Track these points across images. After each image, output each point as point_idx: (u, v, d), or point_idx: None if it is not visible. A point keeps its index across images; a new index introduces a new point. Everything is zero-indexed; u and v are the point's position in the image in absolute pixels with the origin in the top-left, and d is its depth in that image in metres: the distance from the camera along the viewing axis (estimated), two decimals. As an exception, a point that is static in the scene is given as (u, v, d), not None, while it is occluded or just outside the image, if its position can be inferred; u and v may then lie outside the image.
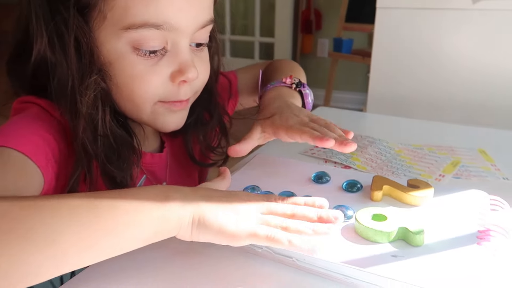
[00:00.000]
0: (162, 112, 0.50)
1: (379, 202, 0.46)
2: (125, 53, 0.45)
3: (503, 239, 0.39)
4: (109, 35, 0.44)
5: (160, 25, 0.44)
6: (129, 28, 0.43)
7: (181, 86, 0.48)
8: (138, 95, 0.47)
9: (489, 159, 0.66)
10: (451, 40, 1.14)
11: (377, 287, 0.35)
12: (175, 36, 0.46)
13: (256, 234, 0.35)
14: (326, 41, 3.08)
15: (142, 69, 0.46)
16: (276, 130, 0.50)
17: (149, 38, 0.44)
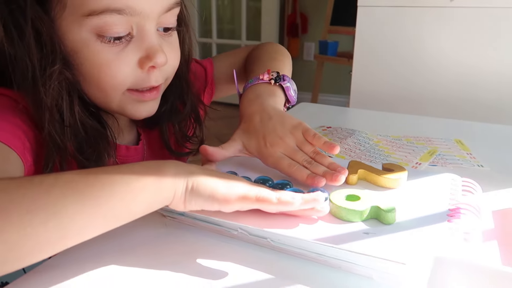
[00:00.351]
0: (132, 101, 0.49)
1: (355, 185, 0.47)
2: (89, 41, 0.44)
3: (473, 217, 0.40)
4: (71, 24, 0.43)
5: (122, 10, 0.43)
6: (90, 14, 0.42)
7: (150, 72, 0.47)
8: (106, 83, 0.46)
9: (465, 148, 0.67)
10: (430, 37, 1.16)
11: (349, 263, 0.35)
12: (140, 21, 0.45)
13: (246, 196, 0.36)
14: (312, 44, 3.11)
15: (108, 57, 0.45)
16: (263, 159, 0.49)
17: (113, 24, 0.43)
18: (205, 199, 0.36)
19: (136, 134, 0.60)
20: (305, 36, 3.12)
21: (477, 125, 0.81)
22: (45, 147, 0.45)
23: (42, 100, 0.43)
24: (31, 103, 0.44)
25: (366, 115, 0.90)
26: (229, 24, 3.36)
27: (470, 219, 0.39)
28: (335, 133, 0.72)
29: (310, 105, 0.98)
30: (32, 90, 0.43)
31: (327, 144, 0.47)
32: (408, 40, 1.18)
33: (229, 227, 0.40)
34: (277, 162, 0.47)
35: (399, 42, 1.19)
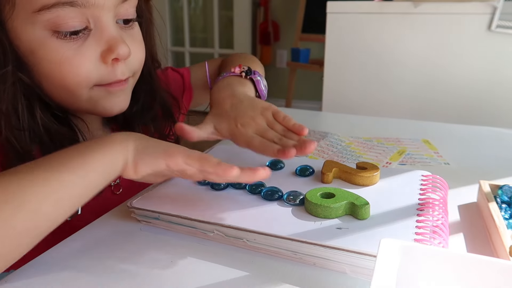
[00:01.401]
0: (102, 96, 0.47)
1: (330, 184, 0.48)
2: (44, 38, 0.42)
3: (441, 211, 0.41)
4: (23, 23, 0.42)
5: (74, 1, 0.41)
6: (41, 9, 0.41)
7: (115, 66, 0.46)
8: (70, 81, 0.44)
9: (433, 147, 0.70)
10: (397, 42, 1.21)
11: (323, 259, 0.36)
12: (95, 13, 0.43)
13: (190, 153, 0.38)
14: (284, 52, 3.15)
15: (67, 53, 0.43)
16: (235, 140, 0.49)
17: (67, 18, 0.41)
18: (152, 157, 0.38)
19: None
20: (277, 44, 3.16)
21: (443, 125, 0.85)
22: (4, 154, 0.43)
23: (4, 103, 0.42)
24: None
25: (338, 118, 0.92)
26: (201, 33, 3.37)
27: (438, 213, 0.41)
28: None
29: (283, 110, 0.99)
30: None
31: (296, 126, 0.48)
32: (376, 45, 1.22)
33: (205, 229, 0.40)
34: (249, 141, 0.47)
35: (367, 47, 1.23)
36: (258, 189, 0.45)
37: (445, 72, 1.19)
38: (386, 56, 1.22)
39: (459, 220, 0.45)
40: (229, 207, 0.42)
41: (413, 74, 1.21)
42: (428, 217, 0.39)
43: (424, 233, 0.37)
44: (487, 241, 0.41)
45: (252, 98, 0.53)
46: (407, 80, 1.22)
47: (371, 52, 1.23)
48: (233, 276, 0.36)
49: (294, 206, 0.42)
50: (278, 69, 3.22)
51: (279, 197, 0.44)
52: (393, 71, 1.23)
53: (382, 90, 1.25)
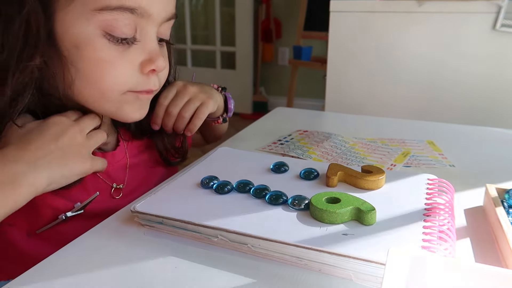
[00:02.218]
0: (129, 101, 0.49)
1: (335, 187, 0.47)
2: (94, 37, 0.43)
3: (447, 216, 0.41)
4: (77, 17, 0.42)
5: (134, 9, 0.43)
6: (104, 9, 0.42)
7: (150, 76, 0.48)
8: (107, 82, 0.45)
9: (437, 149, 0.69)
10: (401, 41, 1.20)
11: (329, 266, 0.36)
12: (145, 24, 0.45)
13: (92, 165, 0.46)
14: (286, 49, 3.14)
15: (113, 55, 0.45)
16: None
17: (122, 23, 0.43)
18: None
19: (116, 142, 0.58)
20: (279, 41, 3.15)
21: (447, 126, 0.84)
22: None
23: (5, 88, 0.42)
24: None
25: (341, 119, 0.92)
26: (203, 30, 3.36)
27: (445, 218, 0.40)
28: (311, 137, 0.73)
29: (286, 110, 0.99)
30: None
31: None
32: (380, 44, 1.21)
33: (209, 234, 0.40)
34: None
35: (371, 47, 1.22)
36: (263, 193, 0.45)
37: (450, 71, 1.18)
38: (390, 55, 1.21)
39: (465, 225, 0.45)
40: (233, 211, 0.42)
41: (417, 73, 1.20)
42: (435, 223, 0.39)
43: (431, 240, 0.36)
44: (494, 247, 0.41)
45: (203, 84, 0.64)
46: (411, 80, 1.21)
47: (374, 51, 1.22)
48: (237, 282, 0.35)
49: (299, 211, 0.42)
50: (279, 66, 3.21)
51: (283, 201, 0.43)
52: (397, 70, 1.22)
53: (385, 90, 1.24)
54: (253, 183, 0.47)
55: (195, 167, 0.53)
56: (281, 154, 0.65)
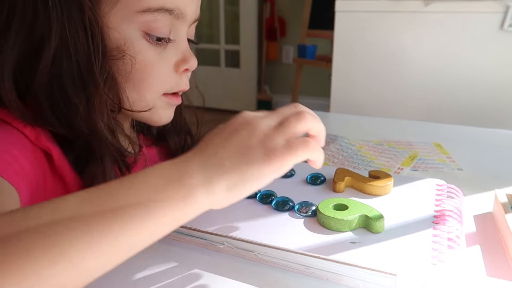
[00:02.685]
0: (162, 106, 0.50)
1: (342, 193, 0.47)
2: (135, 38, 0.44)
3: (456, 223, 0.40)
4: (120, 19, 0.43)
5: (172, 10, 0.44)
6: (146, 11, 0.43)
7: (183, 76, 0.49)
8: (146, 83, 0.46)
9: (444, 152, 0.68)
10: (407, 41, 1.19)
11: (336, 274, 0.35)
12: (179, 25, 0.47)
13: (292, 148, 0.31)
14: (290, 47, 3.13)
15: (153, 56, 0.46)
16: None
17: (162, 23, 0.44)
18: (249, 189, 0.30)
19: (138, 147, 0.59)
20: (283, 40, 3.14)
21: (454, 128, 0.83)
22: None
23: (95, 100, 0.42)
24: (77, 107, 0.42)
25: (347, 120, 0.91)
26: (207, 28, 3.35)
27: (454, 225, 0.40)
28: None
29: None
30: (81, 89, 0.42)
31: None
32: (386, 44, 1.20)
33: (215, 240, 0.40)
34: None
35: (377, 46, 1.21)
36: (269, 199, 0.44)
37: (457, 72, 1.16)
38: (396, 56, 1.20)
39: (475, 232, 0.44)
40: (239, 217, 0.42)
41: (424, 74, 1.19)
42: (444, 230, 0.38)
43: (440, 248, 0.36)
44: (504, 254, 0.40)
45: None
46: (417, 80, 1.20)
47: (380, 51, 1.21)
48: (244, 291, 0.35)
49: (306, 218, 0.41)
50: (284, 65, 3.20)
51: (290, 207, 0.43)
52: (403, 70, 1.21)
53: (391, 90, 1.23)
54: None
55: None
56: (287, 157, 0.65)
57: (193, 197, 0.29)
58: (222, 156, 0.30)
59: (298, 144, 0.31)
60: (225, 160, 0.30)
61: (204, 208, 0.30)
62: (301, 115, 0.32)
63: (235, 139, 0.31)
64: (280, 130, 0.31)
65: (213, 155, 0.30)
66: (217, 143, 0.31)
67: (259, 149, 0.30)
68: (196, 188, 0.29)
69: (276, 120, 0.32)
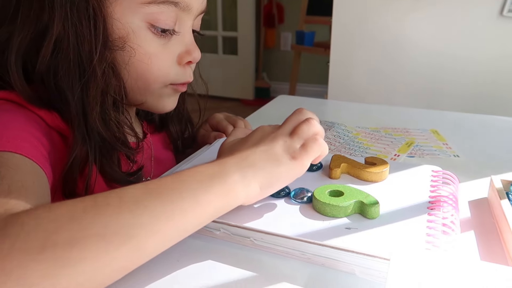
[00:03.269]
0: (169, 94, 0.51)
1: (338, 179, 0.47)
2: (140, 29, 0.44)
3: (451, 209, 0.40)
4: (125, 10, 0.43)
5: (178, 3, 0.45)
6: (152, 2, 0.43)
7: (186, 68, 0.50)
8: (153, 74, 0.47)
9: (441, 138, 0.68)
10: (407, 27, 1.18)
11: (332, 260, 0.35)
12: (185, 16, 0.47)
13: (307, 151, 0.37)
14: (289, 34, 3.11)
15: (156, 47, 0.46)
16: None
17: (166, 15, 0.45)
18: (279, 186, 0.37)
19: (142, 134, 0.59)
20: (281, 26, 3.11)
21: (452, 114, 0.83)
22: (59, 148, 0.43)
23: (89, 89, 0.42)
24: (75, 94, 0.42)
25: (344, 107, 0.91)
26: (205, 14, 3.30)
27: (448, 211, 0.40)
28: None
29: (289, 98, 0.98)
30: (79, 77, 0.42)
31: None
32: (384, 31, 1.19)
33: (211, 227, 0.40)
34: None
35: (375, 33, 1.20)
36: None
37: (456, 57, 1.16)
38: (394, 42, 1.19)
39: (469, 217, 0.44)
40: (235, 204, 0.42)
41: (422, 60, 1.18)
42: (439, 216, 0.39)
43: (435, 234, 0.36)
44: (498, 240, 0.40)
45: None
46: (416, 66, 1.19)
47: (379, 37, 1.20)
48: (239, 276, 0.35)
49: (301, 204, 0.42)
50: (282, 52, 3.18)
51: (286, 194, 0.43)
52: (401, 57, 1.20)
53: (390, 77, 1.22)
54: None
55: (197, 158, 0.53)
56: (283, 144, 0.65)
57: (234, 191, 0.34)
58: (254, 159, 0.36)
59: (312, 145, 0.37)
60: (257, 162, 0.36)
61: (240, 202, 0.35)
62: (310, 122, 0.39)
63: (261, 148, 0.37)
64: (295, 137, 0.38)
65: (245, 159, 0.36)
66: (244, 150, 0.37)
67: (284, 154, 0.37)
68: (236, 184, 0.34)
69: (289, 129, 0.39)
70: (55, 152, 0.42)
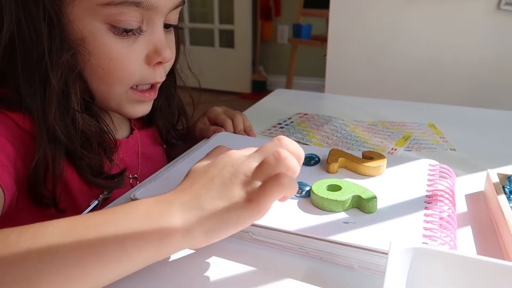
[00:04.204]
0: (131, 101, 0.49)
1: (336, 174, 0.47)
2: (100, 31, 0.43)
3: (448, 203, 0.41)
4: (83, 11, 0.42)
5: (140, 3, 0.42)
6: (109, 4, 0.41)
7: (156, 68, 0.48)
8: (115, 77, 0.45)
9: (438, 132, 0.69)
10: (403, 20, 1.17)
11: (330, 254, 0.36)
12: (152, 15, 0.45)
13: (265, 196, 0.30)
14: (285, 27, 3.09)
15: (120, 50, 0.44)
16: None
17: (128, 16, 0.42)
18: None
19: (129, 130, 0.59)
20: (278, 19, 3.09)
21: (449, 108, 0.83)
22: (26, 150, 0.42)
23: (51, 91, 0.41)
24: (35, 96, 0.41)
25: (342, 101, 0.91)
26: (201, 7, 3.28)
27: (446, 205, 0.40)
28: (312, 120, 0.72)
29: (286, 91, 0.97)
30: (39, 80, 0.41)
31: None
32: (381, 24, 1.19)
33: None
34: None
35: (372, 26, 1.20)
36: None
37: (453, 52, 1.16)
38: (392, 35, 1.19)
39: (466, 211, 0.45)
40: (233, 199, 0.42)
41: (419, 53, 1.18)
42: (436, 210, 0.39)
43: (432, 228, 0.36)
44: (495, 233, 0.41)
45: None
46: (413, 60, 1.19)
47: (375, 31, 1.20)
48: (238, 271, 0.35)
49: (300, 198, 0.42)
50: (279, 45, 3.16)
51: (284, 188, 0.43)
52: (399, 50, 1.20)
53: (387, 70, 1.22)
54: None
55: (195, 153, 0.53)
56: (281, 138, 0.65)
57: (170, 239, 0.29)
58: (204, 199, 0.30)
59: (272, 186, 0.30)
60: (206, 203, 0.30)
61: (180, 249, 0.31)
62: (279, 155, 0.31)
63: (218, 181, 0.31)
64: (259, 173, 0.31)
65: (196, 198, 0.30)
66: (201, 184, 0.31)
67: (240, 193, 0.30)
68: (175, 231, 0.29)
69: (257, 160, 0.32)
70: (26, 153, 0.42)
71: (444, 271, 0.27)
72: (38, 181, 0.43)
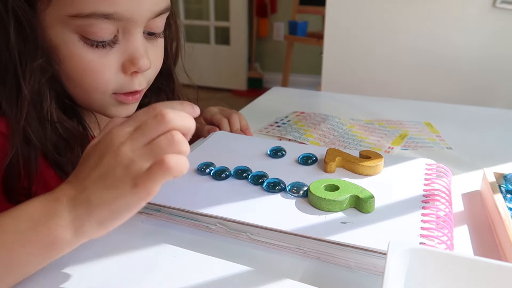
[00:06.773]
0: (114, 104, 0.48)
1: (333, 173, 0.47)
2: (72, 42, 0.42)
3: (445, 202, 0.41)
4: (54, 21, 0.41)
5: (110, 15, 0.41)
6: (77, 16, 0.40)
7: (134, 77, 0.46)
8: (89, 86, 0.45)
9: (435, 130, 0.69)
10: (399, 18, 1.17)
11: (327, 254, 0.36)
12: (127, 26, 0.43)
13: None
14: (281, 24, 3.08)
15: (92, 61, 0.43)
16: None
17: (98, 28, 0.41)
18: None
19: None
20: (274, 16, 3.08)
21: (445, 106, 0.84)
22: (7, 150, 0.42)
23: (22, 95, 0.41)
24: (7, 99, 0.41)
25: (338, 99, 0.91)
26: (196, 3, 3.27)
27: (442, 204, 0.40)
28: (308, 119, 0.72)
29: (282, 90, 0.97)
30: (10, 84, 0.41)
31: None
32: (378, 21, 1.18)
33: (207, 222, 0.40)
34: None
35: (369, 23, 1.19)
36: (260, 180, 0.44)
37: (449, 49, 1.16)
38: (388, 33, 1.19)
39: (463, 210, 0.45)
40: (231, 198, 0.42)
41: (416, 51, 1.18)
42: (433, 210, 0.39)
43: (429, 228, 0.36)
44: (491, 233, 0.41)
45: None
46: (409, 58, 1.20)
47: (372, 28, 1.20)
48: (235, 271, 0.35)
49: (297, 198, 0.42)
50: (275, 42, 3.15)
51: (282, 188, 0.43)
52: (395, 48, 1.20)
53: (383, 68, 1.22)
54: (251, 169, 0.46)
55: (191, 152, 0.53)
56: (278, 137, 0.64)
57: (61, 239, 0.30)
58: (91, 191, 0.30)
59: (156, 170, 0.29)
60: (93, 196, 0.30)
61: (74, 245, 0.31)
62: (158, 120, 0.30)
63: (101, 169, 0.30)
64: (144, 152, 0.30)
65: (82, 192, 0.30)
66: (86, 173, 0.31)
67: (125, 179, 0.29)
68: (65, 230, 0.29)
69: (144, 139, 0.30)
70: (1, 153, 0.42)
71: (443, 271, 0.27)
72: (13, 181, 0.42)
